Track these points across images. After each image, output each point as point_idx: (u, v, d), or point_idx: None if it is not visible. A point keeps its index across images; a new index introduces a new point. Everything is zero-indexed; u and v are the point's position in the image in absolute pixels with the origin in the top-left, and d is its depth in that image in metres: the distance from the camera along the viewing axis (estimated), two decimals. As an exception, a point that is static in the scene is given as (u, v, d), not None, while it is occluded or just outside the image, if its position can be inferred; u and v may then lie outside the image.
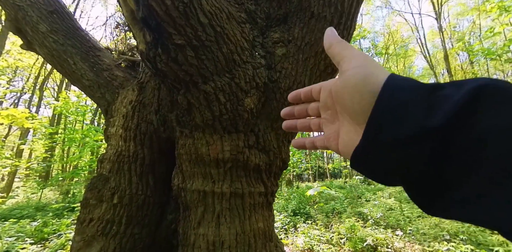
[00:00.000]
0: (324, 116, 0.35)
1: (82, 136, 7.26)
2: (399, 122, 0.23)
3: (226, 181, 1.06)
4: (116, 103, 1.60)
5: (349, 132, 0.30)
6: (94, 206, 1.34)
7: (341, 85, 0.29)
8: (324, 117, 0.35)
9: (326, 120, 0.35)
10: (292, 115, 0.41)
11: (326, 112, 0.35)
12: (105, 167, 1.45)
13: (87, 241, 1.26)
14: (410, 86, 0.25)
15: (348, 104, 0.28)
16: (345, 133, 0.31)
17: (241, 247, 1.08)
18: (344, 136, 0.31)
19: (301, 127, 0.40)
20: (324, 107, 0.35)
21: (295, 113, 0.40)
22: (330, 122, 0.34)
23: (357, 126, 0.29)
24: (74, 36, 1.68)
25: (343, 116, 0.31)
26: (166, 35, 0.80)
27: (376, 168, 0.27)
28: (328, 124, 0.35)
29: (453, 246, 2.63)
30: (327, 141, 0.35)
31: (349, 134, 0.30)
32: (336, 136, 0.33)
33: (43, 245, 3.20)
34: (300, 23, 1.07)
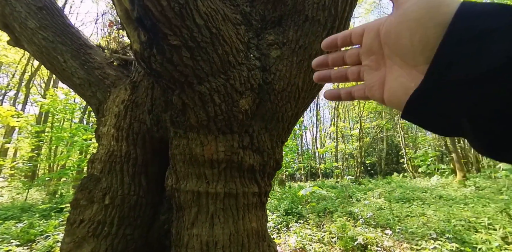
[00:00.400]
0: (367, 62, 0.31)
1: (70, 134, 7.07)
2: (478, 54, 0.19)
3: (220, 181, 1.07)
4: (108, 102, 1.58)
5: (399, 77, 0.27)
6: (85, 207, 1.32)
7: (398, 20, 0.25)
8: (366, 64, 0.31)
9: (369, 68, 0.31)
10: (326, 65, 0.36)
11: (370, 58, 0.31)
12: (96, 167, 1.42)
13: (78, 243, 1.24)
14: (491, 12, 0.20)
15: (405, 43, 0.24)
16: (394, 78, 0.28)
17: (235, 247, 1.08)
18: (393, 82, 0.28)
19: (336, 76, 0.36)
20: (368, 52, 0.31)
21: (329, 62, 0.36)
22: (374, 69, 0.31)
23: (412, 68, 0.25)
24: (64, 33, 1.65)
25: (392, 60, 0.28)
26: (162, 36, 0.80)
27: (438, 114, 0.23)
28: (371, 71, 0.31)
29: (440, 244, 2.72)
30: (369, 90, 0.31)
31: (399, 79, 0.27)
32: (381, 84, 0.29)
33: (30, 247, 3.11)
34: (295, 26, 1.09)
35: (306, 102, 1.21)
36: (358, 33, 0.32)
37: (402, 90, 0.26)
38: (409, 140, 17.58)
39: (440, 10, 0.22)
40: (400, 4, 0.26)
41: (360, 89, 0.33)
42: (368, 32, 0.30)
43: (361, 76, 0.33)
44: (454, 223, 3.62)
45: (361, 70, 0.33)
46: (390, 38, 0.27)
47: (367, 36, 0.30)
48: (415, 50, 0.24)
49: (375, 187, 8.99)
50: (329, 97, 0.38)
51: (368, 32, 0.30)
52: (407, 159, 13.55)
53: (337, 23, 1.08)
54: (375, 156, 18.09)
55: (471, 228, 3.49)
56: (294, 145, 11.35)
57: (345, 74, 0.35)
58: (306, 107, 1.26)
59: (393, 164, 17.80)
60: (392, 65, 0.28)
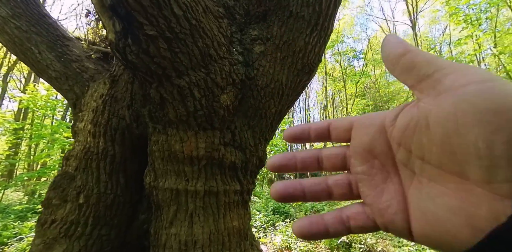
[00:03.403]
0: (363, 170, 0.22)
1: (51, 132, 6.77)
2: None
3: (201, 179, 1.04)
4: (86, 97, 1.51)
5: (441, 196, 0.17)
6: (57, 206, 1.25)
7: (453, 111, 0.16)
8: (362, 172, 0.22)
9: (368, 177, 0.22)
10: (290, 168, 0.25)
11: (367, 164, 0.22)
12: (71, 164, 1.35)
13: (48, 244, 1.17)
14: None
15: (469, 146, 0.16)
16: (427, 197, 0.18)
17: (215, 246, 1.06)
18: (428, 204, 0.18)
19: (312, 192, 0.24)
20: (364, 155, 0.22)
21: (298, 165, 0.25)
22: (378, 180, 0.21)
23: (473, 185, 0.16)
24: (39, 23, 1.56)
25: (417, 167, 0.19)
26: (137, 25, 0.76)
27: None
28: (374, 184, 0.21)
29: (420, 241, 2.81)
30: (382, 216, 0.20)
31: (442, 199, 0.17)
32: (403, 206, 0.20)
33: (2, 250, 2.94)
34: (279, 22, 1.07)
35: (291, 99, 1.20)
36: (342, 128, 0.24)
37: (459, 220, 0.16)
38: (395, 140, 18.03)
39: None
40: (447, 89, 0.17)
41: (358, 214, 0.22)
42: (365, 127, 0.22)
43: (354, 191, 0.23)
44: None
45: (352, 180, 0.23)
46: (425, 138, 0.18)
47: (364, 132, 0.22)
48: (497, 157, 0.15)
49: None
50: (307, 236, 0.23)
51: (364, 127, 0.22)
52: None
53: (321, 20, 1.07)
54: (362, 156, 18.43)
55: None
56: (283, 145, 11.41)
57: (327, 187, 0.24)
58: (290, 104, 1.25)
59: (379, 164, 18.20)
60: (415, 177, 0.19)
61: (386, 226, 0.20)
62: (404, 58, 0.20)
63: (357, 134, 0.23)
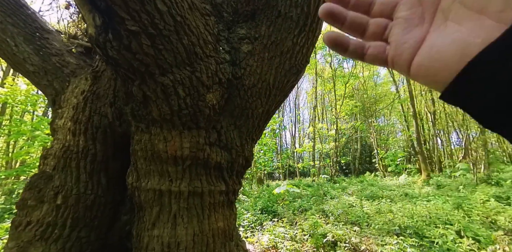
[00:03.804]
0: (405, 14, 0.23)
1: (31, 128, 6.46)
2: None
3: (185, 179, 1.02)
4: (66, 93, 1.44)
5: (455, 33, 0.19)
6: (33, 208, 1.19)
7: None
8: (402, 17, 0.23)
9: (405, 21, 0.23)
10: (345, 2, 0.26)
11: (412, 10, 0.23)
12: (49, 164, 1.29)
13: (22, 248, 1.12)
14: None
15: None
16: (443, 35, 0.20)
17: (198, 247, 1.04)
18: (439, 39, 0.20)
19: (353, 21, 0.25)
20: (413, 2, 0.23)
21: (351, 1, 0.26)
22: (412, 24, 0.23)
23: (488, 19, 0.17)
24: (16, 14, 1.47)
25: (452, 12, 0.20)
26: (118, 20, 0.73)
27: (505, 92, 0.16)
28: (406, 27, 0.23)
29: (402, 239, 2.90)
30: (396, 48, 0.23)
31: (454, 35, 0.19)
32: (418, 42, 0.22)
33: (-26, 253, 2.77)
34: (267, 21, 1.06)
35: (278, 100, 1.20)
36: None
37: (456, 48, 0.18)
38: (381, 141, 18.59)
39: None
40: None
41: (379, 46, 0.25)
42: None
43: (386, 34, 0.25)
44: (416, 219, 3.88)
45: (390, 25, 0.25)
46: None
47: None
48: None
49: (349, 185, 9.38)
50: (331, 42, 0.26)
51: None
52: (379, 159, 14.32)
53: (310, 21, 1.07)
54: (350, 156, 18.88)
55: (431, 223, 3.76)
56: (273, 144, 11.45)
57: (366, 23, 0.25)
58: (278, 105, 1.25)
59: (366, 164, 18.72)
60: (446, 22, 0.21)
61: (394, 58, 0.23)
62: None
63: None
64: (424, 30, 0.22)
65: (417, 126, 11.47)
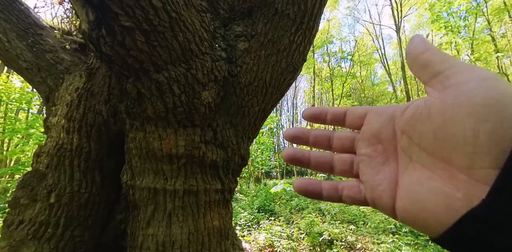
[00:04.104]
0: (367, 152, 0.24)
1: (26, 126, 6.39)
2: None
3: (180, 177, 1.01)
4: (60, 90, 1.42)
5: (428, 181, 0.19)
6: (26, 206, 1.17)
7: (453, 102, 0.18)
8: (365, 154, 0.24)
9: (370, 159, 0.24)
10: (304, 141, 0.28)
11: (372, 148, 0.24)
12: (42, 162, 1.28)
13: (14, 247, 1.10)
14: None
15: (458, 135, 0.17)
16: (417, 181, 0.20)
17: (194, 246, 1.03)
18: (416, 187, 0.20)
19: (318, 162, 0.27)
20: (371, 140, 0.24)
21: (310, 140, 0.27)
22: (378, 162, 0.23)
23: (459, 172, 0.18)
24: (8, 9, 1.44)
25: (414, 155, 0.21)
26: (112, 15, 0.71)
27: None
28: (373, 165, 0.23)
29: (397, 237, 2.92)
30: (372, 190, 0.23)
31: (429, 183, 0.19)
32: (393, 184, 0.22)
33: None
34: (264, 19, 1.05)
35: (274, 98, 1.19)
36: (357, 115, 0.26)
37: (438, 200, 0.18)
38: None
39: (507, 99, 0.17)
40: (458, 83, 0.19)
41: (353, 187, 0.25)
42: (377, 115, 0.24)
43: (354, 170, 0.25)
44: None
45: (355, 160, 0.25)
46: (423, 125, 0.20)
47: (375, 120, 0.24)
48: (479, 146, 0.16)
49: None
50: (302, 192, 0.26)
51: (377, 115, 0.24)
52: (375, 158, 14.35)
53: (307, 19, 1.06)
54: (346, 155, 18.89)
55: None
56: (270, 143, 11.46)
57: (331, 162, 0.26)
58: (274, 103, 1.24)
59: (362, 163, 18.74)
60: (411, 163, 0.21)
61: (374, 200, 0.23)
62: (422, 55, 0.22)
63: (369, 121, 0.25)
64: (392, 170, 0.22)
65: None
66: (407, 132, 0.21)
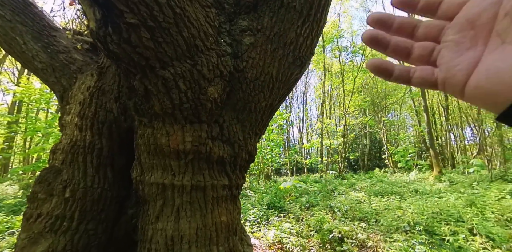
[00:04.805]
0: (455, 38, 0.23)
1: (45, 125, 6.69)
2: None
3: (187, 173, 1.02)
4: (73, 89, 1.47)
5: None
6: (43, 201, 1.23)
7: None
8: (452, 40, 0.23)
9: (455, 44, 0.23)
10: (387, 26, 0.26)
11: (462, 33, 0.23)
12: (58, 158, 1.33)
13: (33, 239, 1.16)
14: None
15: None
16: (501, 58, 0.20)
17: (202, 241, 1.05)
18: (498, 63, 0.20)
19: (396, 45, 0.26)
20: (464, 26, 0.23)
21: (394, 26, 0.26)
22: (463, 47, 0.22)
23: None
24: (24, 12, 1.50)
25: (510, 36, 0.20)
26: (117, 13, 0.72)
27: None
28: (458, 50, 0.22)
29: (411, 236, 2.84)
30: (448, 71, 0.22)
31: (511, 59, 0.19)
32: (472, 65, 0.21)
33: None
34: (270, 12, 1.03)
35: (281, 93, 1.17)
36: (456, 1, 0.24)
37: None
38: (391, 136, 18.21)
39: None
40: None
41: (426, 69, 0.24)
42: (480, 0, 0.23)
43: (433, 57, 0.24)
44: (426, 216, 3.80)
45: (437, 47, 0.24)
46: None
47: (477, 4, 0.22)
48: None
49: (357, 181, 9.27)
50: (375, 69, 0.26)
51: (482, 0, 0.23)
52: (389, 154, 14.05)
53: (313, 11, 1.04)
54: (358, 152, 18.62)
55: (442, 220, 3.67)
56: (280, 140, 11.42)
57: (411, 46, 0.25)
58: (281, 98, 1.23)
59: (375, 159, 18.42)
60: (501, 45, 0.20)
61: (446, 80, 0.22)
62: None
63: (469, 6, 0.23)
64: (477, 53, 0.22)
65: (429, 120, 11.13)
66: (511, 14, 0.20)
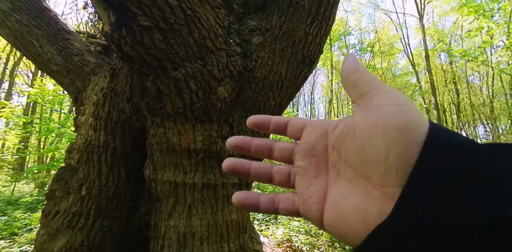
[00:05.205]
0: (303, 164, 0.25)
1: (59, 126, 6.89)
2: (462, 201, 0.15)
3: (198, 171, 1.04)
4: (87, 90, 1.51)
5: (351, 195, 0.21)
6: (61, 198, 1.28)
7: (371, 123, 0.20)
8: (301, 166, 0.25)
9: (304, 172, 0.24)
10: (246, 149, 0.27)
11: (308, 160, 0.24)
12: (74, 157, 1.37)
13: (52, 235, 1.21)
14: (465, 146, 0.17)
15: (376, 155, 0.19)
16: (341, 195, 0.21)
17: (213, 238, 1.07)
18: (341, 201, 0.21)
19: (257, 172, 0.27)
20: (306, 153, 0.25)
21: (252, 149, 0.27)
22: (311, 175, 0.24)
23: (374, 189, 0.19)
24: (40, 17, 1.55)
25: (341, 170, 0.22)
26: (131, 16, 0.74)
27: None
28: (307, 178, 0.24)
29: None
30: (304, 203, 0.24)
31: (351, 198, 0.20)
32: (322, 197, 0.23)
33: (13, 240, 3.05)
34: (279, 12, 1.04)
35: (290, 92, 1.18)
36: (297, 126, 0.26)
37: (357, 215, 0.19)
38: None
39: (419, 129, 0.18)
40: (377, 106, 0.20)
41: (288, 200, 0.25)
42: (313, 129, 0.25)
43: (291, 181, 0.26)
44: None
45: (292, 172, 0.26)
46: (349, 142, 0.21)
47: (311, 134, 0.25)
48: (390, 166, 0.18)
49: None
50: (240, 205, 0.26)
51: (313, 129, 0.25)
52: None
53: (322, 10, 1.03)
54: (367, 151, 18.26)
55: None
56: (287, 139, 11.39)
57: (270, 173, 0.27)
58: (290, 97, 1.23)
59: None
60: (338, 177, 0.22)
61: (305, 213, 0.24)
62: (352, 75, 0.24)
63: (305, 134, 0.25)
64: (323, 183, 0.23)
65: (439, 118, 10.86)
66: (337, 148, 0.22)
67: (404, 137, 0.18)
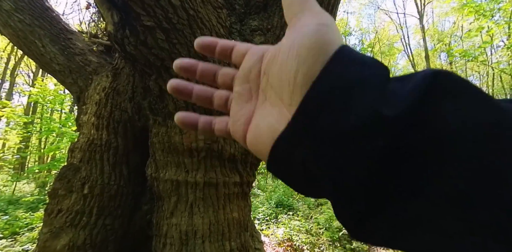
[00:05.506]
0: (239, 90, 0.25)
1: (59, 125, 6.91)
2: (348, 105, 0.16)
3: (200, 170, 1.05)
4: (89, 90, 1.52)
5: (268, 116, 0.21)
6: (63, 197, 1.29)
7: (289, 44, 0.19)
8: (237, 92, 0.25)
9: (239, 97, 0.25)
10: (192, 72, 0.28)
11: (243, 86, 0.25)
12: (76, 156, 1.38)
13: (55, 233, 1.21)
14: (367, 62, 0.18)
15: (288, 74, 0.19)
16: (262, 117, 0.22)
17: (215, 236, 1.08)
18: (260, 121, 0.22)
19: (199, 95, 0.27)
20: (243, 78, 0.25)
21: (197, 72, 0.27)
22: (244, 100, 0.24)
23: (285, 108, 0.20)
24: (42, 17, 1.56)
25: (267, 94, 0.22)
26: (134, 16, 0.75)
27: (300, 170, 0.19)
28: (240, 102, 0.25)
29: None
30: (233, 125, 0.25)
31: (268, 118, 0.21)
32: (247, 120, 0.24)
33: (14, 239, 3.06)
34: (280, 12, 1.05)
35: (291, 92, 1.19)
36: (240, 52, 0.26)
37: (268, 133, 0.20)
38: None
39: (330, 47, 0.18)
40: (302, 25, 0.20)
41: (223, 122, 0.26)
42: (252, 55, 0.24)
43: (228, 106, 0.26)
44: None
45: (230, 97, 0.26)
46: (273, 65, 0.21)
47: (249, 59, 0.24)
48: (296, 85, 0.18)
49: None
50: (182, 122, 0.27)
51: (252, 54, 0.25)
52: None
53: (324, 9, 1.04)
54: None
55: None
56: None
57: (211, 97, 0.27)
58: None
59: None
60: (265, 101, 0.23)
61: (233, 133, 0.25)
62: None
63: (245, 60, 0.25)
64: (252, 107, 0.24)
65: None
66: (266, 73, 0.22)
67: (312, 56, 0.18)
